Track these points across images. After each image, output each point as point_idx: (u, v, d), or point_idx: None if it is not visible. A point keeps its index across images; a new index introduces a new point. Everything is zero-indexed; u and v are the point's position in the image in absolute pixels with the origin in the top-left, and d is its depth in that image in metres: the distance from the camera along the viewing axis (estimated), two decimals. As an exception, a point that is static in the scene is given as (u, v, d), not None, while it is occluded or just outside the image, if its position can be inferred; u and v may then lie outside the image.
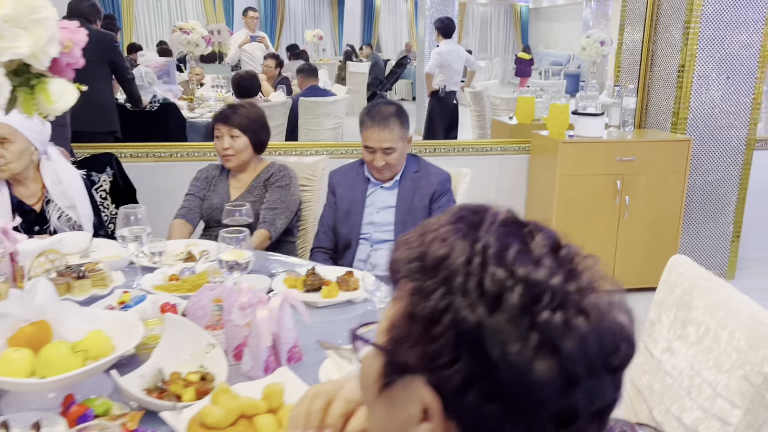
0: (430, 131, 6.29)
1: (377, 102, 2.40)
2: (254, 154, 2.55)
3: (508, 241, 0.60)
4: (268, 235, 2.42)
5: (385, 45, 12.44)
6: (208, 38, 6.07)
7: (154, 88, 4.93)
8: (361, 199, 2.39)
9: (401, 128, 2.30)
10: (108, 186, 2.63)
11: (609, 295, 0.61)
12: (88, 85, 4.07)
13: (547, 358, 0.55)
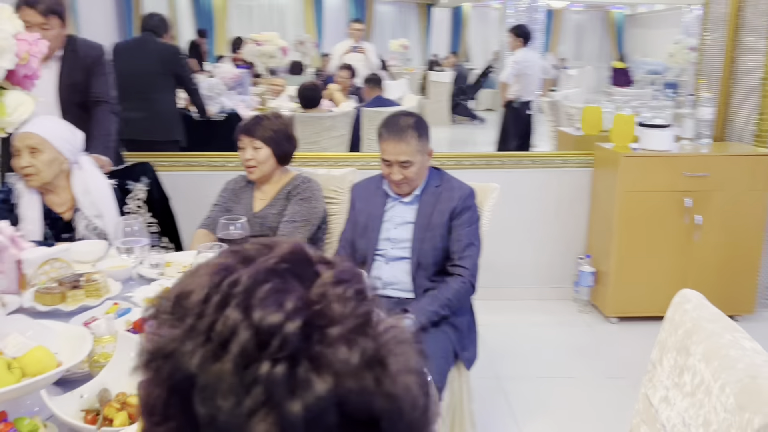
0: (503, 143, 6.10)
1: (396, 113, 2.30)
2: (277, 166, 2.52)
3: (267, 279, 0.50)
4: (285, 249, 2.38)
5: (474, 53, 12.27)
6: (285, 49, 6.18)
7: (222, 99, 5.06)
8: (380, 213, 2.30)
9: (419, 141, 2.19)
10: (144, 195, 2.68)
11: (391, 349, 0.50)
12: (152, 96, 4.21)
13: (265, 419, 0.45)
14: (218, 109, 4.90)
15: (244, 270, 0.52)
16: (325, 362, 0.47)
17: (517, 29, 5.96)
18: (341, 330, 0.49)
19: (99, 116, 2.90)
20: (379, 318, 0.54)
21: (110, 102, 2.95)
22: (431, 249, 2.21)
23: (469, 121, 9.29)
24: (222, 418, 0.46)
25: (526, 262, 3.94)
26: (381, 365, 0.49)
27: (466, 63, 11.76)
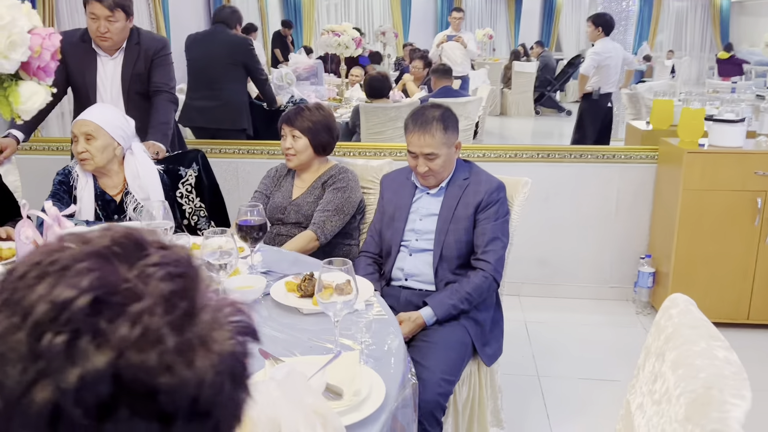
0: (579, 136, 5.91)
1: (423, 105, 2.29)
2: (315, 156, 2.58)
3: (85, 259, 0.54)
4: (314, 237, 2.44)
5: (566, 43, 11.89)
6: (358, 40, 6.26)
7: (293, 89, 5.19)
8: (407, 204, 2.31)
9: (444, 133, 2.18)
10: (193, 180, 2.82)
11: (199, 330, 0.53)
12: (222, 86, 4.37)
13: (44, 388, 0.49)
14: (287, 98, 5.04)
15: (70, 251, 0.56)
16: (108, 337, 0.50)
17: (596, 18, 5.74)
18: (140, 307, 0.52)
19: (158, 105, 3.06)
20: (202, 302, 0.57)
21: (169, 91, 3.11)
22: (455, 242, 2.20)
23: (555, 113, 9.05)
24: (9, 384, 0.50)
25: (585, 260, 3.82)
26: (167, 343, 0.52)
27: (557, 53, 11.42)
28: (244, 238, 1.91)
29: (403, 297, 2.25)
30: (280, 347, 1.52)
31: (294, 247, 2.40)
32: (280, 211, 2.59)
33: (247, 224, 1.89)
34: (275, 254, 2.19)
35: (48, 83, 1.53)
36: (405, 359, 1.54)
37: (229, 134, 4.33)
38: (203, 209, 2.86)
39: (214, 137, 4.24)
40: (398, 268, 2.29)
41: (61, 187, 2.50)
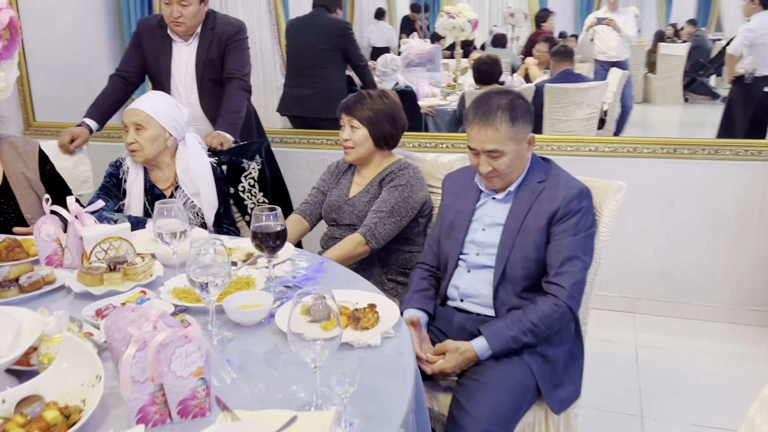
0: (727, 127, 5.11)
1: (488, 92, 1.90)
2: (376, 149, 2.27)
3: None
4: (363, 241, 2.14)
5: (729, 22, 10.61)
6: (474, 22, 5.85)
7: (397, 76, 4.90)
8: (469, 210, 1.94)
9: (512, 126, 1.78)
10: (256, 174, 2.62)
11: None
12: (319, 72, 4.17)
13: None
14: (391, 85, 4.76)
15: None
16: None
17: (755, -13, 4.90)
18: None
19: (229, 92, 2.89)
20: None
21: (242, 78, 2.93)
22: (521, 259, 1.80)
23: (709, 100, 8.05)
24: None
25: (717, 275, 3.21)
26: None
27: (717, 33, 10.21)
28: (260, 247, 1.65)
29: (457, 321, 1.89)
30: (252, 394, 1.24)
31: (339, 252, 2.12)
32: (334, 211, 2.32)
33: (262, 231, 1.63)
34: (318, 264, 1.91)
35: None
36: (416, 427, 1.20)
37: (326, 124, 4.11)
38: (267, 203, 2.65)
39: (310, 127, 4.05)
40: (454, 286, 1.93)
41: (110, 179, 2.39)
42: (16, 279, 1.70)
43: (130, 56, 2.99)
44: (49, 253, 1.88)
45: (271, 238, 1.63)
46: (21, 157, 2.32)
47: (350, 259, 2.14)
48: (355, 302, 1.58)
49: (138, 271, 1.74)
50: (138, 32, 2.99)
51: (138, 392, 1.11)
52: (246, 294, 1.58)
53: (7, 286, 1.67)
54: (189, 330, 1.15)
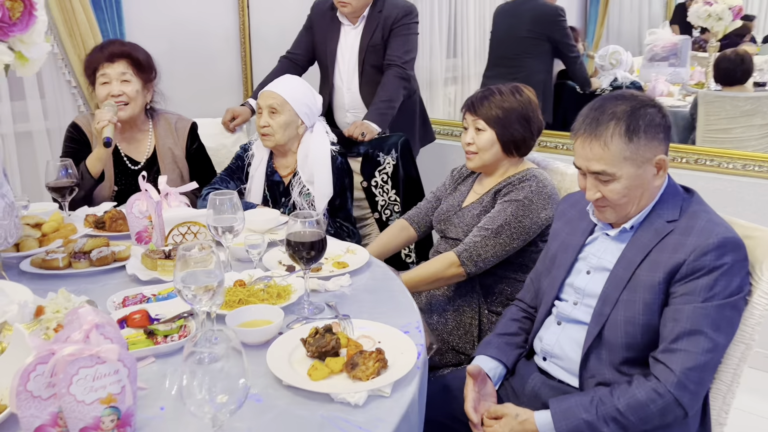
0: None
1: (607, 95, 1.42)
2: (504, 155, 1.91)
3: None
4: (456, 262, 1.81)
5: None
6: (736, 9, 4.91)
7: (617, 71, 4.28)
8: (576, 245, 1.51)
9: (628, 143, 1.32)
10: (390, 169, 2.44)
11: None
12: (519, 63, 3.89)
13: None
14: (608, 81, 4.17)
15: None
16: None
17: None
18: None
19: (385, 80, 2.72)
20: None
21: (401, 66, 2.73)
22: (624, 321, 1.34)
23: None
24: None
25: None
26: None
27: None
28: (293, 258, 1.45)
29: (532, 384, 1.49)
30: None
31: (425, 272, 1.82)
32: (443, 221, 2.02)
33: (296, 239, 1.42)
34: (380, 282, 1.66)
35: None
36: None
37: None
38: (398, 204, 2.45)
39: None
40: (539, 338, 1.53)
41: (236, 162, 2.37)
42: (90, 252, 1.73)
43: (301, 38, 2.97)
44: (140, 230, 1.90)
45: (305, 248, 1.42)
46: (172, 133, 2.41)
47: (439, 281, 1.84)
48: (378, 340, 1.31)
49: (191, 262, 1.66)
50: (311, 15, 2.96)
51: (37, 409, 0.99)
52: (258, 308, 1.39)
53: (79, 257, 1.71)
54: (105, 349, 1.00)
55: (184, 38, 4.03)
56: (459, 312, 1.88)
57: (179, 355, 1.27)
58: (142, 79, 2.28)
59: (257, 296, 1.46)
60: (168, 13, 3.93)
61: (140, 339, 1.29)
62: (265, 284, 1.55)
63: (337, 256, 1.78)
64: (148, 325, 1.33)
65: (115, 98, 2.22)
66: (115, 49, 2.26)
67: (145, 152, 2.38)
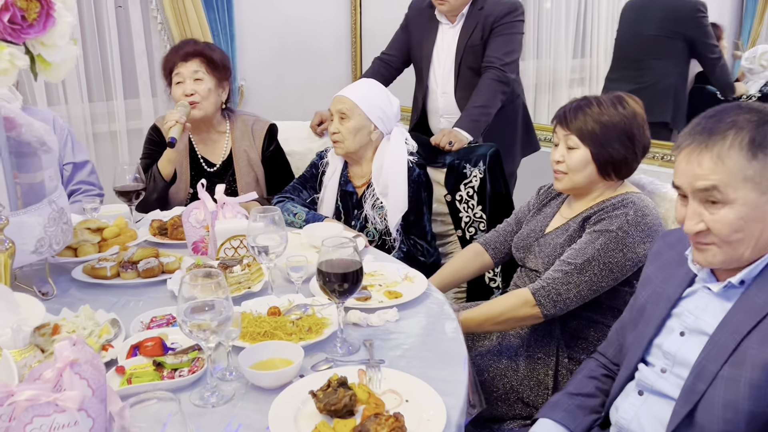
0: None
1: (730, 104, 1.10)
2: (600, 178, 1.62)
3: None
4: (532, 302, 1.54)
5: None
6: None
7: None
8: (672, 296, 1.21)
9: (750, 159, 1.01)
10: (477, 183, 2.21)
11: None
12: (647, 65, 3.54)
13: None
14: (757, 86, 3.62)
15: None
16: None
17: None
18: None
19: (481, 84, 2.48)
20: None
21: (500, 68, 2.48)
22: (724, 404, 1.04)
23: None
24: None
25: None
26: None
27: None
28: (324, 289, 1.27)
29: (600, 465, 1.22)
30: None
31: (497, 310, 1.58)
32: (522, 248, 1.76)
33: (327, 269, 1.25)
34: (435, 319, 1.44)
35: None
36: None
37: (648, 128, 3.35)
38: (483, 221, 2.21)
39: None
40: (616, 407, 1.24)
41: (311, 170, 2.24)
42: (138, 262, 1.66)
43: (397, 38, 2.80)
44: (196, 240, 1.81)
45: (338, 279, 1.24)
46: (248, 136, 2.33)
47: (509, 321, 1.59)
48: (406, 398, 1.11)
49: (232, 281, 1.54)
50: (408, 13, 2.78)
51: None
52: (278, 345, 1.23)
53: (127, 267, 1.64)
54: (65, 396, 0.88)
55: (294, 37, 4.00)
56: (533, 359, 1.62)
57: (185, 393, 1.15)
58: (216, 78, 2.21)
59: (285, 329, 1.30)
60: (279, 11, 3.91)
61: (148, 371, 1.17)
62: (302, 314, 1.39)
63: (392, 284, 1.59)
64: (161, 354, 1.21)
65: (188, 97, 2.16)
66: (189, 48, 2.20)
67: (221, 154, 2.31)
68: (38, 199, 1.52)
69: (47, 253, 1.51)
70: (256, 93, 3.86)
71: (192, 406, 1.12)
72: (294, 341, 1.28)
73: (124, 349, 1.24)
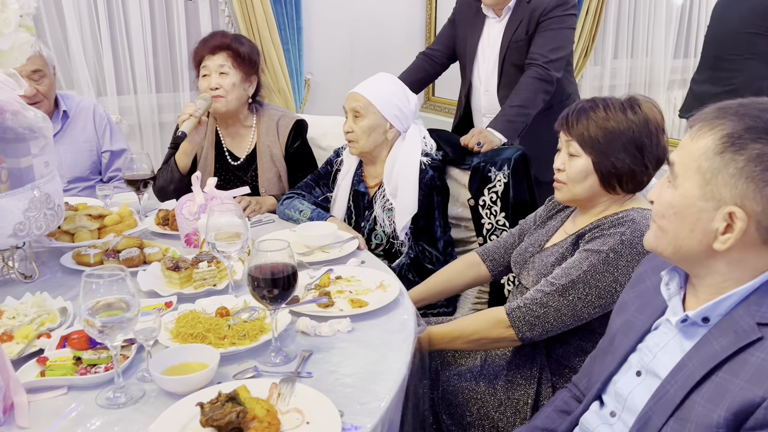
0: None
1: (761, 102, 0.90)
2: (603, 190, 1.44)
3: None
4: (506, 323, 1.38)
5: None
6: None
7: None
8: (640, 328, 1.02)
9: (717, 153, 0.84)
10: (501, 188, 2.05)
11: None
12: (735, 66, 3.25)
13: None
14: None
15: None
16: None
17: None
18: None
19: (521, 82, 2.30)
20: None
21: (543, 66, 2.29)
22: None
23: None
24: None
25: None
26: None
27: None
28: (254, 295, 1.19)
29: None
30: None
31: (469, 328, 1.43)
32: (519, 263, 1.59)
33: (256, 273, 1.17)
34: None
35: None
36: None
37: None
38: (506, 230, 2.05)
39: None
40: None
41: (325, 167, 2.16)
42: (121, 251, 1.66)
43: (443, 33, 2.66)
44: (189, 232, 1.80)
45: (267, 285, 1.16)
46: (273, 131, 2.30)
47: (482, 342, 1.44)
48: (307, 420, 1.01)
49: (197, 277, 1.50)
50: (455, 6, 2.64)
51: None
52: (197, 349, 1.16)
53: (110, 256, 1.65)
54: None
55: (365, 32, 3.94)
56: (513, 383, 1.46)
57: (97, 390, 1.12)
58: (242, 72, 2.18)
59: (218, 332, 1.24)
60: (350, 6, 3.86)
61: (66, 364, 1.15)
62: (249, 317, 1.32)
63: (363, 291, 1.49)
64: (86, 348, 1.19)
65: (212, 91, 2.15)
66: (216, 41, 2.19)
67: (246, 148, 2.29)
68: (24, 184, 1.55)
69: (27, 237, 1.54)
70: (322, 87, 3.85)
71: (95, 405, 1.08)
72: (224, 346, 1.21)
73: (55, 339, 1.23)
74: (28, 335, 1.23)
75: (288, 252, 1.17)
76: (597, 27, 3.97)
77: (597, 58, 4.15)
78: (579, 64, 3.95)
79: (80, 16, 3.11)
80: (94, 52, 3.18)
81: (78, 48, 3.10)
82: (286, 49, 3.55)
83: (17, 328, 1.25)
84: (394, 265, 1.96)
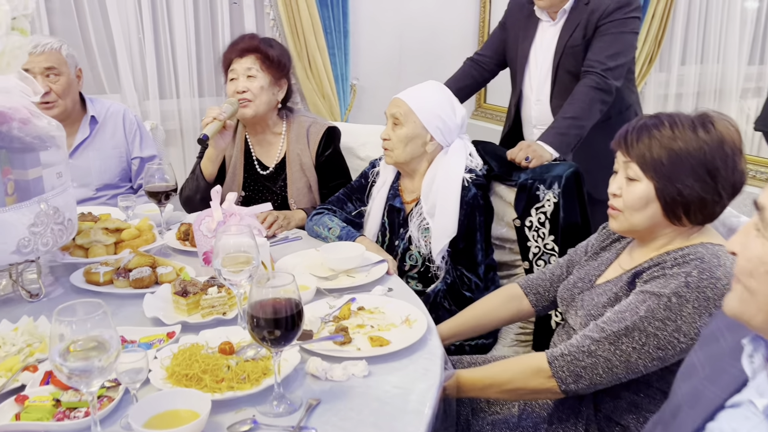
0: None
1: None
2: (667, 221, 1.23)
3: None
4: (547, 373, 1.20)
5: None
6: None
7: None
8: (714, 401, 0.83)
9: None
10: (550, 209, 1.86)
11: None
12: None
13: None
14: None
15: None
16: None
17: None
18: None
19: (576, 92, 2.10)
20: None
21: (601, 74, 2.08)
22: None
23: None
24: None
25: None
26: None
27: None
28: (253, 336, 1.04)
29: None
30: None
31: (505, 375, 1.25)
32: (566, 299, 1.40)
33: (258, 312, 1.02)
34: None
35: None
36: None
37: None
38: (555, 255, 1.86)
39: None
40: None
41: (360, 180, 2.01)
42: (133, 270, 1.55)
43: (493, 37, 2.48)
44: (207, 250, 1.67)
45: (268, 325, 1.01)
46: (303, 138, 2.16)
47: (520, 392, 1.25)
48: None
49: (205, 304, 1.36)
50: (507, 9, 2.45)
51: None
52: (187, 395, 1.02)
53: (121, 275, 1.54)
54: None
55: (415, 36, 3.78)
56: (554, 440, 1.28)
57: (74, 438, 0.99)
58: (271, 75, 2.06)
59: (216, 374, 1.10)
60: (399, 8, 3.71)
61: (45, 406, 1.03)
62: (255, 354, 1.18)
63: (386, 327, 1.33)
64: (66, 387, 1.07)
65: (239, 95, 2.04)
66: (245, 44, 2.07)
67: (275, 157, 2.17)
68: (32, 196, 1.46)
69: (32, 254, 1.44)
70: (369, 93, 3.71)
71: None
72: (221, 390, 1.07)
73: (40, 374, 1.11)
74: (12, 368, 1.12)
75: (293, 287, 1.02)
76: (664, 31, 3.70)
77: (663, 64, 3.87)
78: (643, 71, 3.69)
79: (127, 19, 3.06)
80: (139, 56, 3.12)
81: (122, 52, 3.05)
82: (331, 53, 3.42)
83: (3, 359, 1.15)
84: (429, 291, 1.79)
